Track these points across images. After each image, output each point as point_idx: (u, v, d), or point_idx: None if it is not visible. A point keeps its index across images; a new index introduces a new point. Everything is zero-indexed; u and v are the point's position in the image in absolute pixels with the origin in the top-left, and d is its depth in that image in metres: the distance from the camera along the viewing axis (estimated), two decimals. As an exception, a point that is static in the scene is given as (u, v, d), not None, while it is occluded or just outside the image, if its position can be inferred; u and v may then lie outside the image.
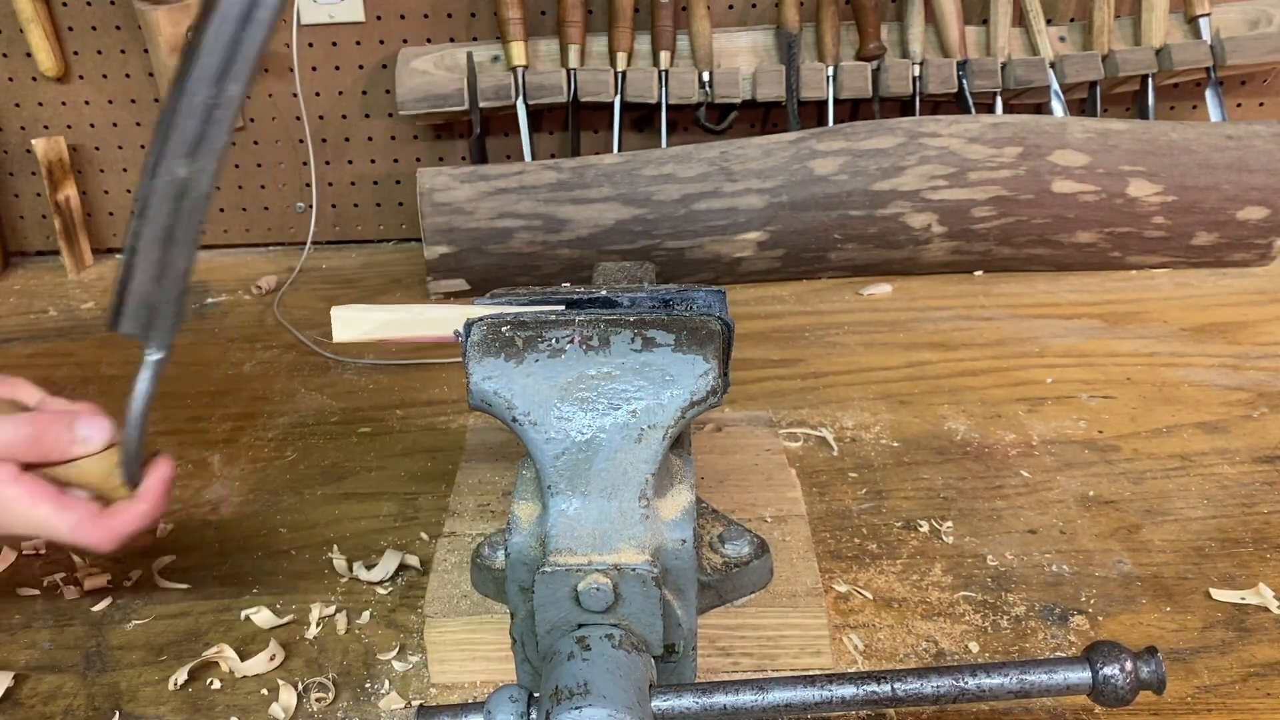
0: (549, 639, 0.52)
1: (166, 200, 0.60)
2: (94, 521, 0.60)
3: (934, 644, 0.65)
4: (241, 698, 0.63)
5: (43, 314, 1.24)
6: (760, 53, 1.31)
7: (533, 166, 1.20)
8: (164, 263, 0.62)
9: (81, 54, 1.33)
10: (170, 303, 0.62)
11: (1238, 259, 1.22)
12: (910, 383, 0.99)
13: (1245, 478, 0.82)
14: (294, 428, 0.95)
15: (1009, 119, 1.19)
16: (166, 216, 0.60)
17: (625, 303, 0.62)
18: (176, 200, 0.60)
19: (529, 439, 0.55)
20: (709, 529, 0.64)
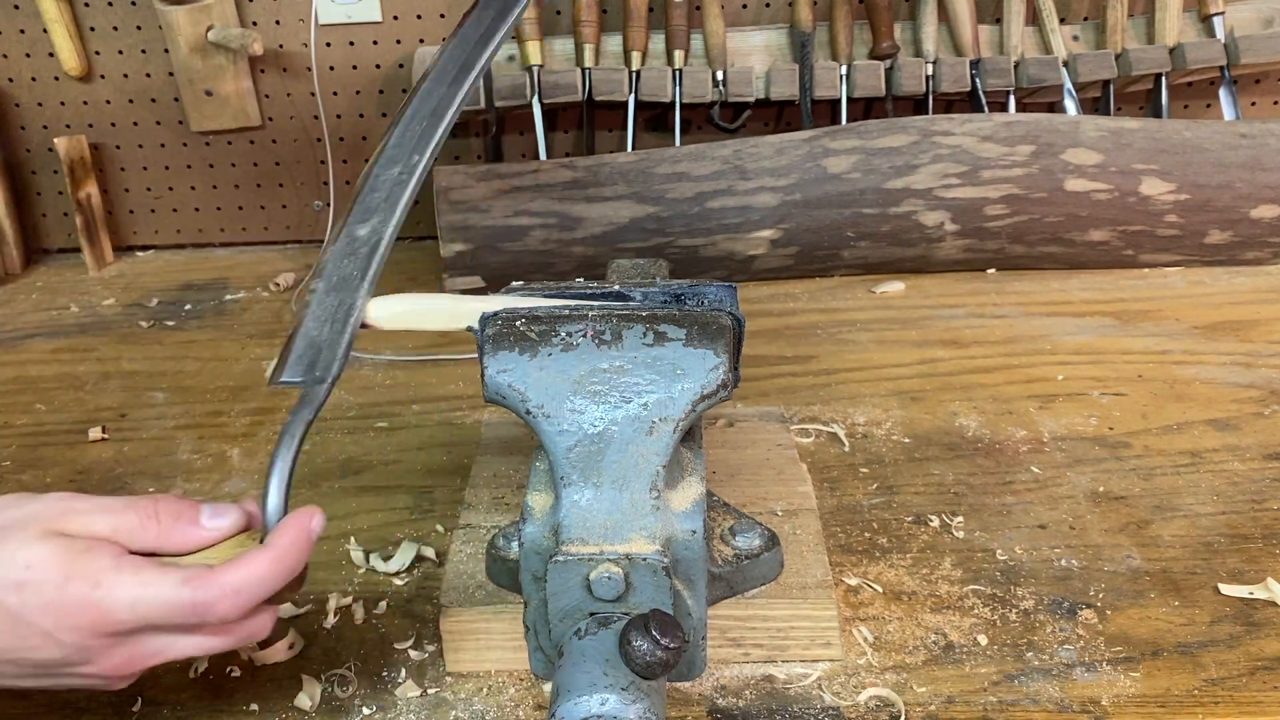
0: (561, 627, 0.53)
1: (342, 255, 0.62)
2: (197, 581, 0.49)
3: (943, 636, 0.66)
4: (261, 686, 0.64)
5: (64, 310, 1.25)
6: (774, 52, 1.32)
7: (548, 165, 1.21)
8: (334, 305, 0.60)
9: (103, 54, 1.35)
10: (334, 345, 0.59)
11: (1251, 257, 1.22)
12: (922, 379, 0.99)
13: (1255, 474, 0.82)
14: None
15: (1022, 118, 1.20)
16: (341, 267, 0.61)
17: (637, 298, 0.63)
18: (351, 251, 0.62)
19: (542, 431, 0.56)
20: (720, 521, 0.65)
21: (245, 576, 0.49)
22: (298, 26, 1.34)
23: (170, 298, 1.28)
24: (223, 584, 0.49)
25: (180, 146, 1.41)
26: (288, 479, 0.53)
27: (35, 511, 0.51)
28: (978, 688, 0.62)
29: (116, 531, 0.50)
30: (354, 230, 0.62)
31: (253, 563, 0.50)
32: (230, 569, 0.49)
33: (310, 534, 0.52)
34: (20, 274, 1.38)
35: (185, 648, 0.51)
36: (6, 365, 1.11)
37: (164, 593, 0.48)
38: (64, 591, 0.48)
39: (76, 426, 0.97)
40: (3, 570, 0.48)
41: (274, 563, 0.50)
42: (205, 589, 0.49)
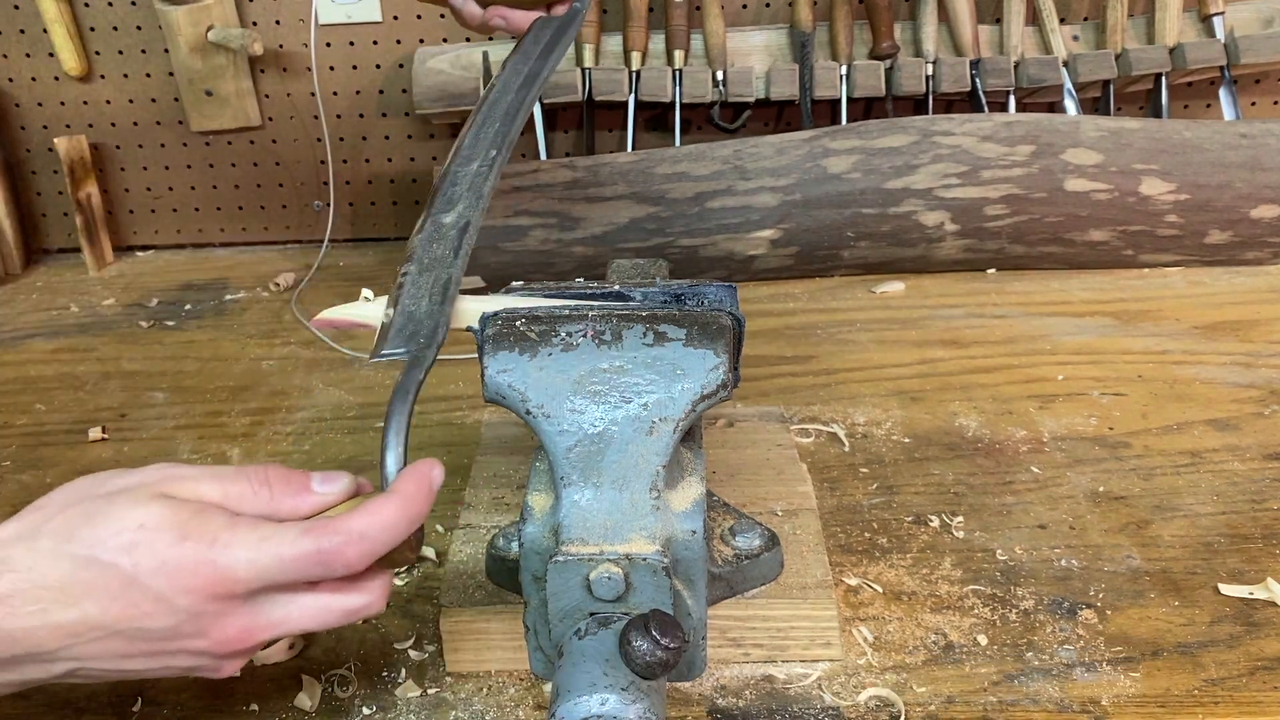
0: (561, 627, 0.53)
1: (430, 240, 0.62)
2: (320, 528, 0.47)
3: (943, 636, 0.66)
4: (260, 685, 0.64)
5: (64, 310, 1.25)
6: (774, 52, 1.32)
7: (548, 165, 1.21)
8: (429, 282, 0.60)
9: (103, 54, 1.35)
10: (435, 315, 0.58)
11: (1251, 257, 1.22)
12: (922, 379, 0.99)
13: (1255, 474, 0.82)
14: (312, 422, 0.96)
15: (1022, 117, 1.20)
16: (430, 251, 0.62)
17: (637, 297, 0.63)
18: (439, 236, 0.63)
19: (542, 431, 0.56)
20: (720, 521, 0.65)
21: (370, 521, 0.47)
22: (298, 26, 1.34)
23: (170, 298, 1.28)
24: (348, 529, 0.47)
25: (180, 146, 1.41)
26: (405, 436, 0.51)
27: (141, 479, 0.49)
28: (978, 688, 0.62)
29: (227, 497, 0.49)
30: (439, 219, 0.63)
31: (378, 507, 0.48)
32: (354, 515, 0.47)
33: (432, 482, 0.50)
34: (20, 274, 1.38)
35: (305, 614, 0.48)
36: (6, 365, 1.11)
37: (285, 544, 0.46)
38: (180, 549, 0.46)
39: (76, 426, 0.97)
40: (112, 531, 0.46)
41: (399, 508, 0.48)
42: (329, 535, 0.47)
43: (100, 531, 0.46)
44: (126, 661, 0.48)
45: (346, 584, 0.49)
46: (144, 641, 0.47)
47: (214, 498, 0.49)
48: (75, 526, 0.47)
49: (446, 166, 0.68)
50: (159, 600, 0.46)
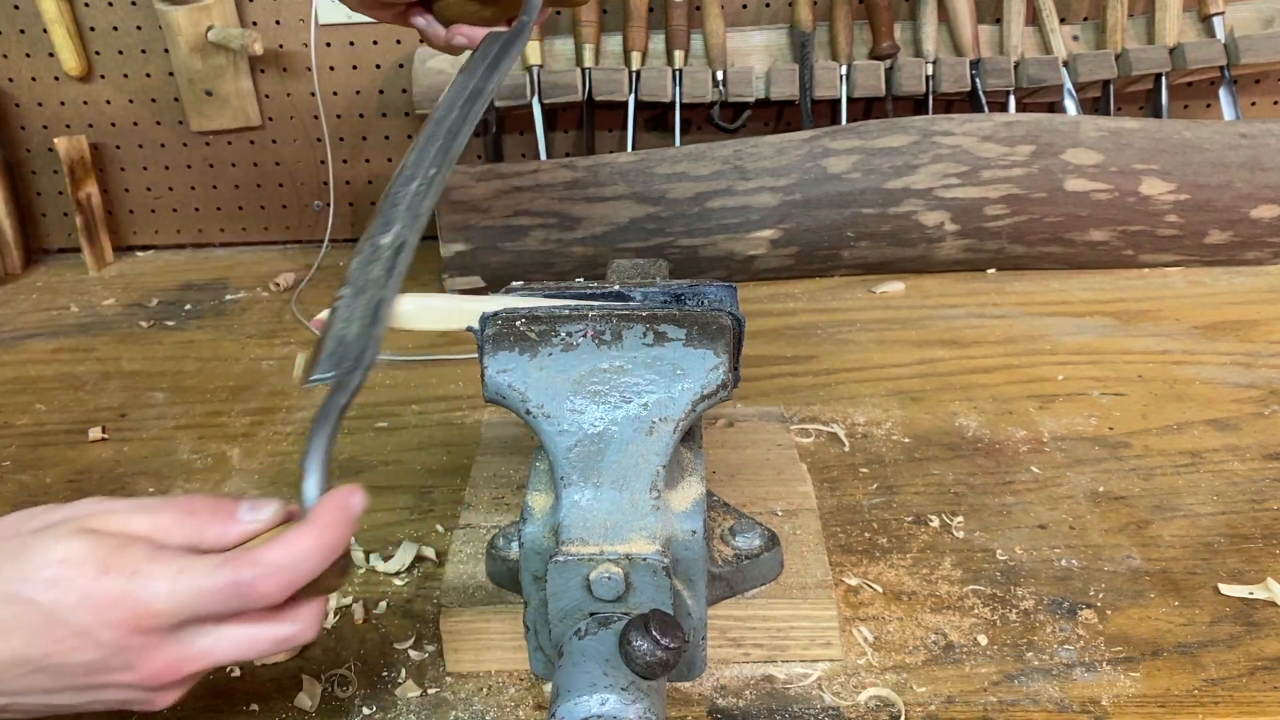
0: (561, 627, 0.53)
1: (366, 262, 0.61)
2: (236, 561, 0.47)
3: (943, 636, 0.66)
4: (261, 685, 0.64)
5: (64, 310, 1.25)
6: (774, 52, 1.32)
7: (548, 165, 1.21)
8: (362, 305, 0.59)
9: (103, 54, 1.35)
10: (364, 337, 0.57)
11: (1251, 257, 1.22)
12: (922, 379, 0.99)
13: (1255, 474, 0.82)
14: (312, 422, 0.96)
15: (1022, 117, 1.20)
16: (366, 273, 0.61)
17: (637, 297, 0.63)
18: (375, 258, 0.62)
19: (542, 431, 0.56)
20: (720, 521, 0.65)
21: (285, 552, 0.47)
22: (298, 26, 1.34)
23: (170, 298, 1.28)
24: (263, 560, 0.47)
25: (180, 146, 1.41)
26: (325, 461, 0.50)
27: (68, 514, 0.50)
28: (978, 688, 0.62)
29: (154, 529, 0.49)
30: (377, 240, 0.62)
31: (292, 538, 0.48)
32: (269, 546, 0.47)
33: (351, 511, 0.50)
34: (20, 274, 1.38)
35: (232, 645, 0.48)
36: (6, 365, 1.11)
37: (202, 576, 0.46)
38: (99, 583, 0.46)
39: (76, 426, 0.97)
40: (35, 567, 0.46)
41: (315, 537, 0.48)
42: (244, 567, 0.46)
43: (24, 568, 0.47)
44: (54, 697, 0.48)
45: (273, 613, 0.49)
46: (70, 676, 0.47)
47: (141, 530, 0.49)
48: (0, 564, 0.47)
49: (389, 187, 0.68)
50: (81, 635, 0.46)
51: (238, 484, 0.86)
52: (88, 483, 0.87)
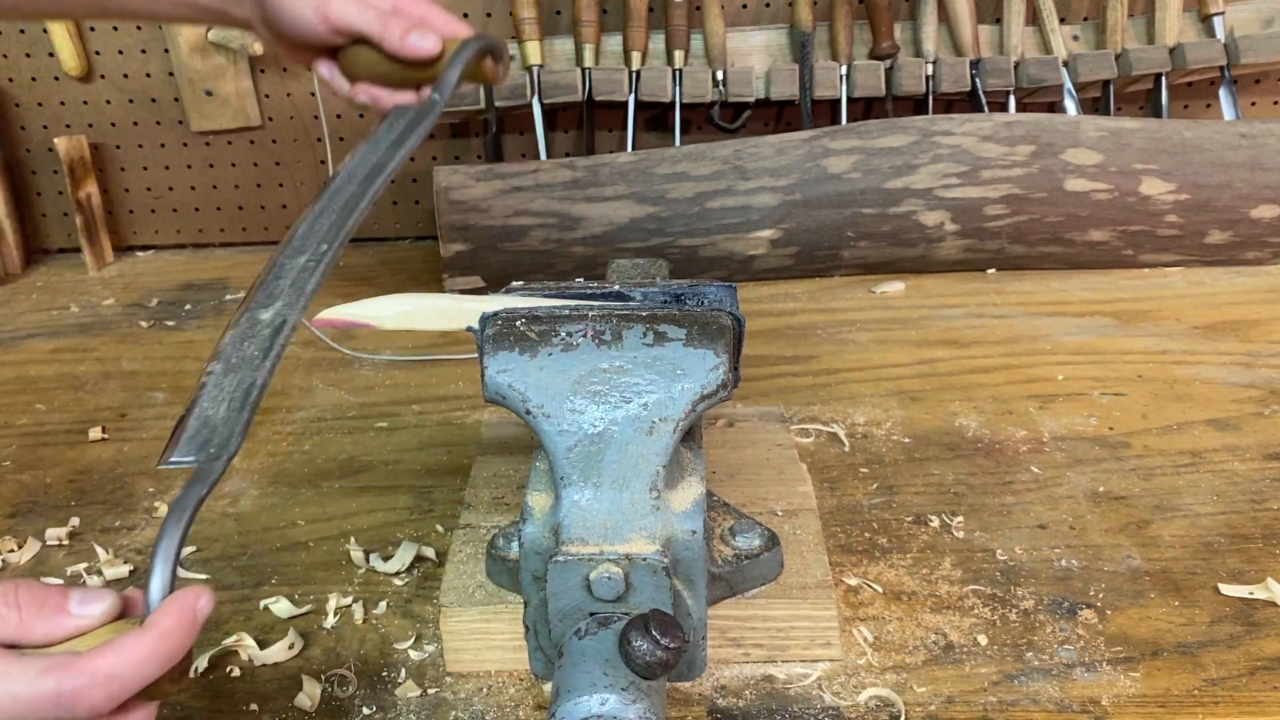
0: (561, 627, 0.53)
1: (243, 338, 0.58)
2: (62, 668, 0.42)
3: (943, 636, 0.66)
4: (261, 685, 0.64)
5: (64, 310, 1.25)
6: (774, 52, 1.32)
7: (548, 165, 1.21)
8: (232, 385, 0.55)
9: (103, 54, 1.35)
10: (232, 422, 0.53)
11: (1251, 257, 1.22)
12: (922, 379, 0.99)
13: (1255, 474, 0.82)
14: (312, 422, 0.96)
15: (1022, 117, 1.20)
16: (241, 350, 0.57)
17: (637, 297, 0.63)
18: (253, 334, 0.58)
19: (542, 431, 0.56)
20: (720, 521, 0.65)
21: (118, 661, 0.42)
22: (298, 26, 1.33)
23: (170, 298, 1.28)
24: (93, 669, 0.42)
25: (180, 146, 1.41)
26: (174, 558, 0.46)
27: None
28: (978, 688, 0.62)
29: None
30: (256, 315, 0.59)
31: (128, 645, 0.43)
32: (101, 653, 0.43)
33: (196, 615, 0.45)
34: (20, 274, 1.38)
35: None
36: (6, 365, 1.11)
37: (21, 683, 0.41)
38: None
39: (76, 426, 0.97)
40: None
41: (153, 645, 0.43)
42: (70, 676, 0.42)
43: None
44: None
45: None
46: None
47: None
48: None
49: (274, 256, 0.64)
50: None
51: (238, 484, 0.86)
52: (87, 483, 0.87)
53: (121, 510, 0.83)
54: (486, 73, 0.84)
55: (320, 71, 0.85)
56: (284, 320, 0.59)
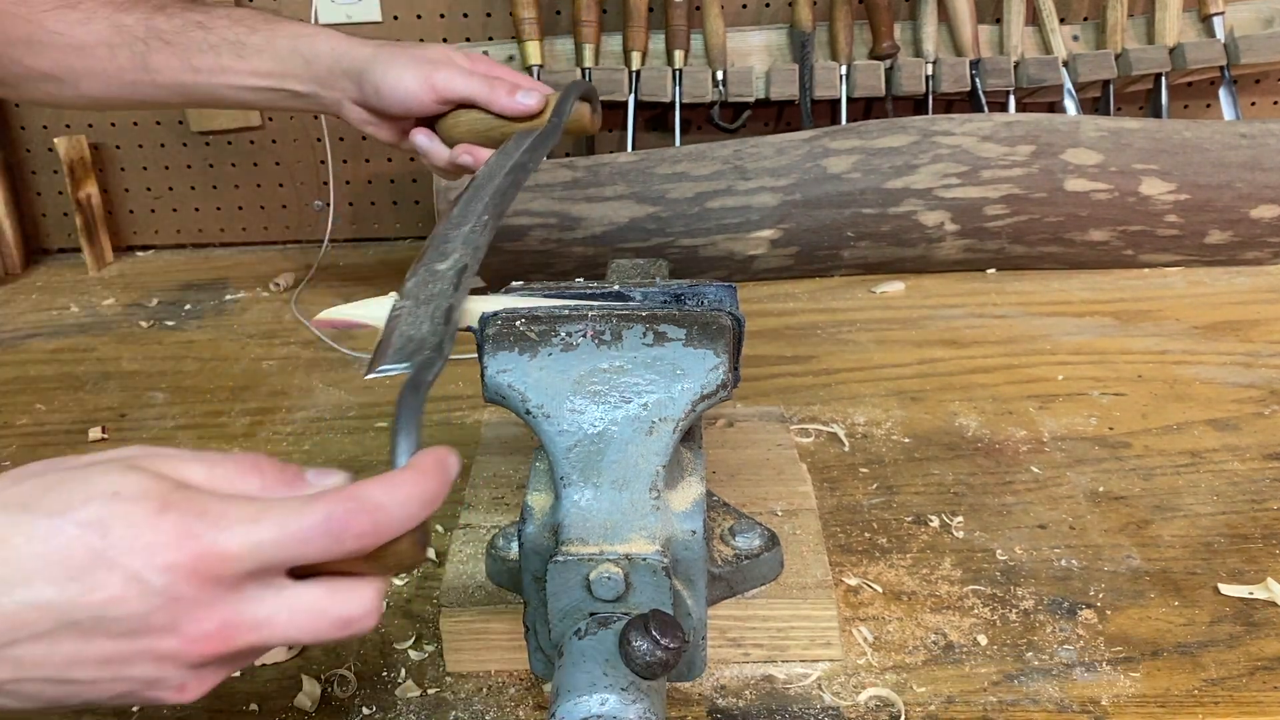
0: (561, 627, 0.53)
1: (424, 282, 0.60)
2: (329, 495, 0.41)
3: (943, 636, 0.66)
4: (261, 686, 0.64)
5: (64, 310, 1.25)
6: (774, 52, 1.32)
7: (547, 165, 1.21)
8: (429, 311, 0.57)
9: (103, 54, 1.35)
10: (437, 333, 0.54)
11: (1251, 257, 1.22)
12: (922, 379, 0.99)
13: (1255, 474, 0.82)
14: (312, 422, 0.96)
15: (1022, 117, 1.20)
16: (426, 290, 0.59)
17: (637, 297, 0.63)
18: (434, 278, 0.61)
19: (542, 431, 0.56)
20: (720, 521, 0.65)
21: (385, 490, 0.41)
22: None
23: (170, 298, 1.28)
24: (361, 495, 0.41)
25: (180, 146, 1.41)
26: (415, 427, 0.46)
27: (113, 455, 0.43)
28: (978, 688, 0.62)
29: (211, 479, 0.42)
30: (433, 267, 0.61)
31: (393, 478, 0.42)
32: (368, 482, 0.41)
33: (449, 468, 0.44)
34: (20, 274, 1.38)
35: (294, 617, 0.41)
36: (6, 365, 1.11)
37: (289, 512, 0.40)
38: (160, 519, 0.39)
39: (76, 426, 0.97)
40: (81, 500, 0.39)
41: (416, 482, 0.42)
42: (339, 501, 0.40)
43: (66, 498, 0.40)
44: (75, 669, 0.40)
45: (343, 583, 0.42)
46: (104, 638, 0.39)
47: (198, 479, 0.42)
48: (35, 495, 0.40)
49: (434, 232, 0.67)
50: (131, 580, 0.38)
51: (238, 484, 0.86)
52: (88, 483, 0.87)
53: (121, 510, 0.83)
54: (585, 120, 0.91)
55: (419, 141, 0.91)
56: (465, 265, 0.61)
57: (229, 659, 0.42)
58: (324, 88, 0.90)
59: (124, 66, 0.89)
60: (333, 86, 0.90)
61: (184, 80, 0.90)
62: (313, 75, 0.90)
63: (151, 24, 0.89)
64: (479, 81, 0.87)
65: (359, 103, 0.90)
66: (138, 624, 0.39)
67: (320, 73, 0.90)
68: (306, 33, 0.91)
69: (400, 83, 0.87)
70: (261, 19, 0.92)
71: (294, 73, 0.90)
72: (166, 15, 0.90)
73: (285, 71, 0.90)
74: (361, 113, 0.91)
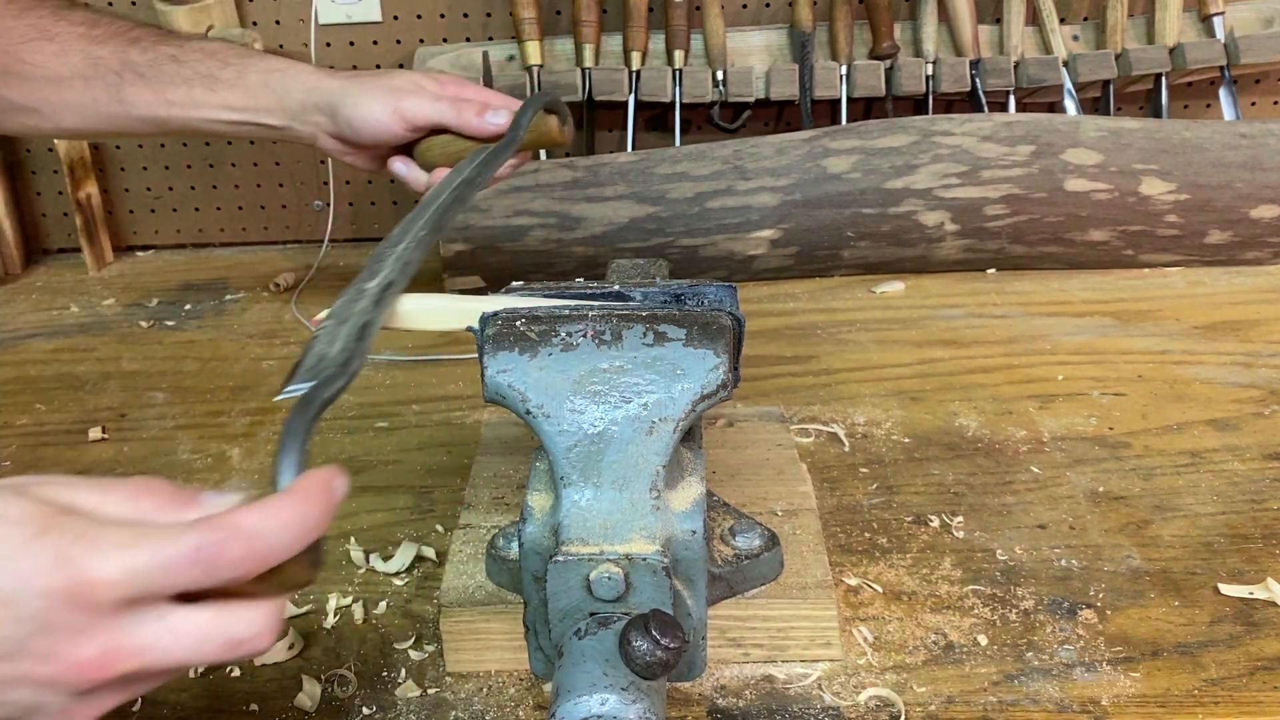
0: (561, 627, 0.53)
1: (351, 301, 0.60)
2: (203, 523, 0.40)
3: (943, 636, 0.66)
4: (261, 685, 0.64)
5: (64, 310, 1.25)
6: (774, 52, 1.32)
7: (548, 165, 1.21)
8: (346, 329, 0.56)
9: (103, 54, 1.35)
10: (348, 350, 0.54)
11: (1251, 257, 1.22)
12: (922, 379, 0.99)
13: (1255, 474, 0.82)
14: (311, 422, 0.96)
15: (1022, 117, 1.20)
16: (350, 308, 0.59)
17: (637, 297, 0.63)
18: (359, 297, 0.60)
19: (542, 431, 0.56)
20: (720, 521, 0.65)
21: (261, 517, 0.40)
22: (298, 26, 1.34)
23: (170, 298, 1.28)
24: (235, 523, 0.40)
25: (180, 146, 1.41)
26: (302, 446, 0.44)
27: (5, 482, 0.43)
28: (978, 688, 0.62)
29: (104, 503, 0.42)
30: (361, 285, 0.61)
31: (270, 503, 0.41)
32: (243, 509, 0.41)
33: (333, 491, 0.43)
34: (20, 274, 1.38)
35: (179, 640, 0.40)
36: (6, 365, 1.11)
37: (163, 540, 0.39)
38: (38, 544, 0.39)
39: (76, 426, 0.97)
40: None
41: (296, 507, 0.41)
42: (212, 529, 0.39)
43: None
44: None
45: (230, 606, 0.41)
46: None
47: (88, 505, 0.42)
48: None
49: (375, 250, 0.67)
50: (5, 604, 0.38)
51: (238, 484, 0.86)
52: (88, 483, 0.87)
53: (121, 510, 0.83)
54: (553, 131, 0.91)
55: (397, 168, 0.92)
56: (391, 281, 0.61)
57: (116, 685, 0.42)
58: (297, 121, 0.91)
59: (99, 99, 0.90)
60: (306, 120, 0.91)
61: (158, 113, 0.91)
62: (285, 109, 0.91)
63: (125, 57, 0.90)
64: (446, 105, 0.88)
65: (334, 135, 0.91)
66: (14, 648, 0.39)
67: (293, 107, 0.91)
68: (278, 67, 0.91)
69: (370, 115, 0.88)
70: (234, 53, 0.92)
71: (266, 106, 0.91)
72: (140, 48, 0.91)
73: (258, 105, 0.91)
74: (337, 144, 0.92)
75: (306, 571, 0.43)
